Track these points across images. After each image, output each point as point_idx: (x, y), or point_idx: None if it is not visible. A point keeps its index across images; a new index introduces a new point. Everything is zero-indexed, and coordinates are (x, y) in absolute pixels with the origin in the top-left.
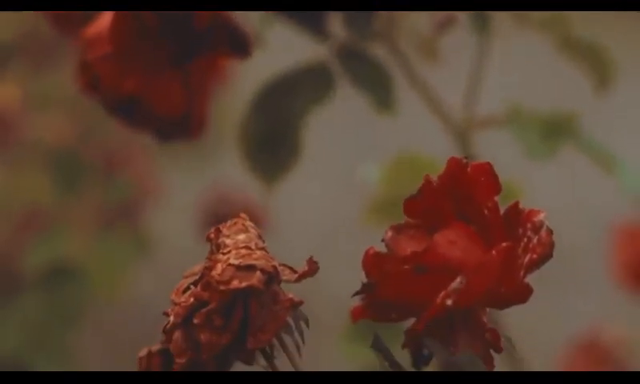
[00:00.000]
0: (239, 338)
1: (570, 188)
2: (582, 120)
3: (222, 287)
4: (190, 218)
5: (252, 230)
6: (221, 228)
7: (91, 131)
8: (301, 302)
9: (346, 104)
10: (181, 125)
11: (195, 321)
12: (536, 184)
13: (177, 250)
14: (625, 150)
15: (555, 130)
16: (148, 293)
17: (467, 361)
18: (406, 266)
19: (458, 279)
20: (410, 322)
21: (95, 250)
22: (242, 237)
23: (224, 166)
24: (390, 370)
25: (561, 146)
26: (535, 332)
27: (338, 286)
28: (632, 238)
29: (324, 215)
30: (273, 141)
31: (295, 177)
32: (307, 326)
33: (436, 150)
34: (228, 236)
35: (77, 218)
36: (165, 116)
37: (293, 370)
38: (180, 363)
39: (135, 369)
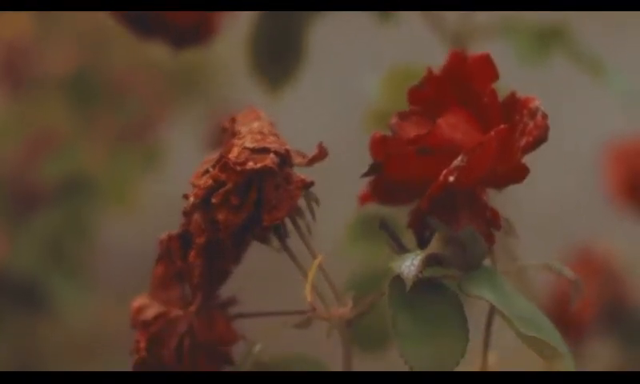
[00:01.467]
0: (254, 216)
1: (560, 106)
2: (572, 28)
3: (238, 168)
4: (198, 135)
5: (265, 119)
6: (235, 117)
7: (102, 56)
8: (312, 183)
9: (346, 15)
10: (194, 32)
11: (213, 200)
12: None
13: (186, 164)
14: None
15: (547, 38)
16: (158, 205)
17: (469, 237)
18: (411, 148)
19: (460, 157)
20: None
21: (107, 165)
22: (255, 124)
23: (230, 90)
24: (396, 252)
25: (552, 53)
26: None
27: (337, 197)
28: (624, 155)
29: (324, 126)
30: (278, 48)
31: (297, 88)
32: (318, 205)
33: (433, 61)
34: (243, 124)
35: (89, 135)
36: (178, 24)
37: (305, 249)
38: (199, 243)
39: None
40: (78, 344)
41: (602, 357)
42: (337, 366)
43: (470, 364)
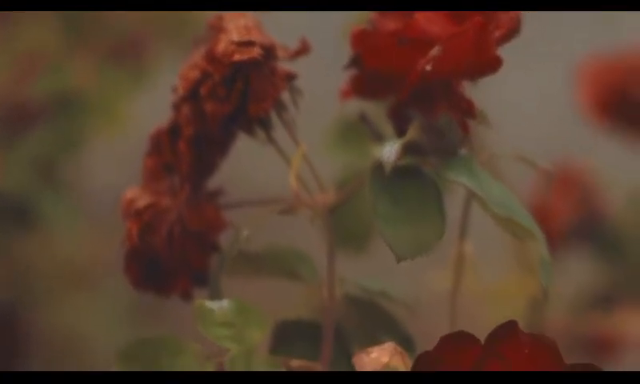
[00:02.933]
0: (241, 108)
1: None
2: None
3: (224, 60)
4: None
5: (251, 17)
6: (222, 15)
7: None
8: (296, 75)
9: None
10: None
11: (201, 92)
12: None
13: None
14: None
15: None
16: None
17: (446, 125)
18: (389, 40)
19: (436, 47)
20: None
21: (98, 82)
22: (242, 21)
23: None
24: (375, 142)
25: None
26: None
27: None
28: (599, 73)
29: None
30: None
31: None
32: (301, 98)
33: None
34: (229, 21)
35: (80, 54)
36: None
37: (290, 141)
38: (188, 134)
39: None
40: (66, 268)
41: (576, 269)
42: (321, 258)
43: (446, 253)
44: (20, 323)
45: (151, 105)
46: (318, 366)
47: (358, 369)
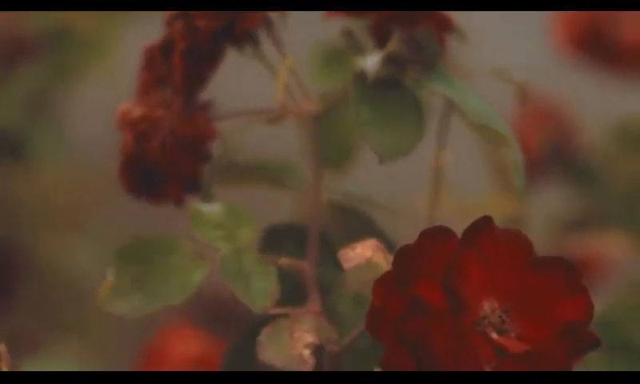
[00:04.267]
0: (231, 24)
1: None
2: None
3: None
4: None
5: None
6: None
7: None
8: None
9: None
10: None
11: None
12: None
13: None
14: None
15: None
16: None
17: (425, 37)
18: None
19: None
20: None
21: (91, 17)
22: None
23: None
24: (355, 51)
25: None
26: None
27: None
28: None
29: None
30: None
31: None
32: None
33: None
34: None
35: None
36: None
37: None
38: (181, 47)
39: None
40: (53, 204)
41: (550, 196)
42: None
43: (426, 162)
44: (9, 258)
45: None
46: (305, 265)
47: (343, 263)
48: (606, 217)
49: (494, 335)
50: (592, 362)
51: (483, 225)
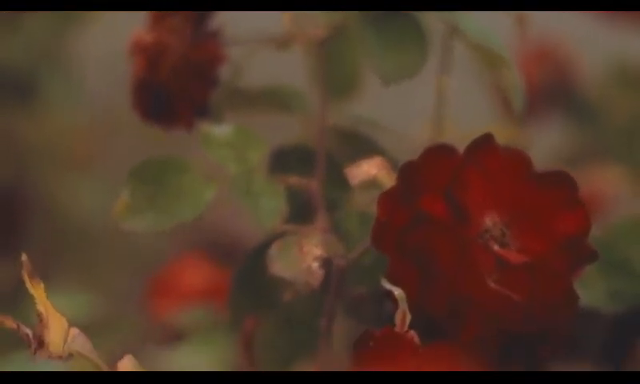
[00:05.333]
0: None
1: None
2: None
3: None
4: None
5: None
6: None
7: None
8: None
9: None
10: None
11: None
12: None
13: None
14: None
15: None
16: None
17: None
18: None
19: None
20: None
21: None
22: None
23: None
24: None
25: None
26: None
27: None
28: None
29: None
30: None
31: None
32: None
33: None
34: None
35: None
36: None
37: None
38: None
39: None
40: (61, 147)
41: (549, 134)
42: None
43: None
44: (18, 198)
45: None
46: (312, 184)
47: (350, 180)
48: (605, 153)
49: (496, 247)
50: (590, 281)
51: (485, 141)
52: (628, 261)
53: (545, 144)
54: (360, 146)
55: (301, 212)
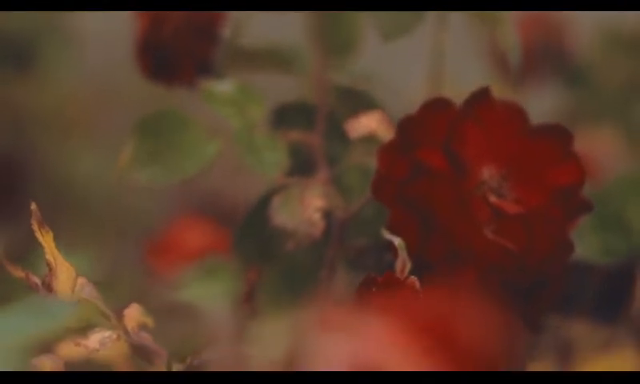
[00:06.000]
0: None
1: None
2: None
3: None
4: None
5: None
6: None
7: None
8: None
9: None
10: None
11: None
12: None
13: None
14: None
15: None
16: None
17: None
18: None
19: None
20: None
21: None
22: None
23: None
24: None
25: None
26: None
27: None
28: None
29: None
30: None
31: None
32: None
33: None
34: None
35: None
36: None
37: None
38: None
39: None
40: (59, 114)
41: (542, 98)
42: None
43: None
44: (17, 167)
45: None
46: (313, 138)
47: (350, 133)
48: (600, 114)
49: (493, 198)
50: (584, 236)
51: (482, 95)
52: (622, 216)
53: (539, 106)
54: (359, 102)
55: (302, 167)
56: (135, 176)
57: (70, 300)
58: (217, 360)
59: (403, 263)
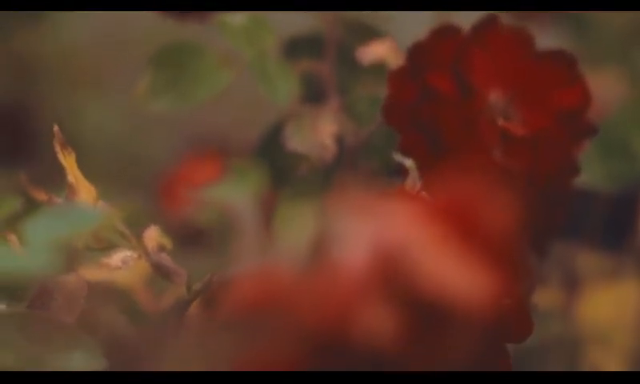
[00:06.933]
0: None
1: None
2: None
3: None
4: None
5: None
6: None
7: None
8: None
9: None
10: None
11: None
12: None
13: None
14: None
15: None
16: None
17: None
18: None
19: None
20: None
21: None
22: None
23: None
24: None
25: None
26: None
27: None
28: None
29: None
30: None
31: None
32: None
33: None
34: None
35: None
36: None
37: None
38: None
39: None
40: (67, 64)
41: (547, 40)
42: None
43: None
44: (25, 116)
45: None
46: (324, 67)
47: (360, 60)
48: (600, 60)
49: (500, 121)
50: (589, 162)
51: (489, 20)
52: (626, 142)
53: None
54: (369, 31)
55: (313, 96)
56: (153, 104)
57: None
58: (240, 273)
59: (414, 182)
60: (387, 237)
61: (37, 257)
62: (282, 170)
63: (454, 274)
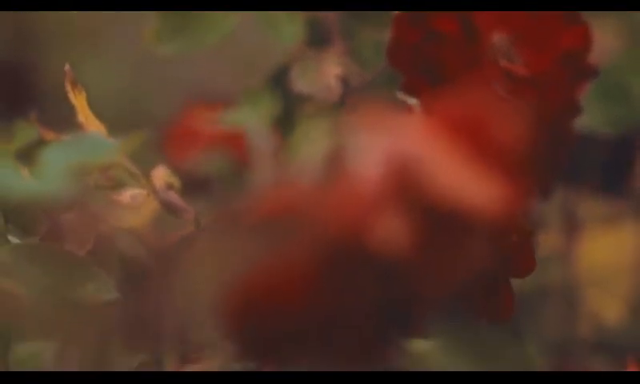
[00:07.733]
0: None
1: None
2: None
3: None
4: None
5: None
6: None
7: None
8: None
9: None
10: None
11: None
12: None
13: None
14: None
15: None
16: None
17: None
18: None
19: None
20: None
21: None
22: None
23: None
24: None
25: None
26: None
27: None
28: None
29: None
30: None
31: None
32: None
33: None
34: None
35: None
36: None
37: None
38: None
39: None
40: (67, 23)
41: None
42: None
43: None
44: (25, 71)
45: None
46: (330, 13)
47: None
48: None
49: (503, 62)
50: (589, 106)
51: None
52: (626, 86)
53: None
54: None
55: (318, 41)
56: (161, 48)
57: None
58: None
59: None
60: (401, 148)
61: (50, 184)
62: (287, 112)
63: (466, 182)
